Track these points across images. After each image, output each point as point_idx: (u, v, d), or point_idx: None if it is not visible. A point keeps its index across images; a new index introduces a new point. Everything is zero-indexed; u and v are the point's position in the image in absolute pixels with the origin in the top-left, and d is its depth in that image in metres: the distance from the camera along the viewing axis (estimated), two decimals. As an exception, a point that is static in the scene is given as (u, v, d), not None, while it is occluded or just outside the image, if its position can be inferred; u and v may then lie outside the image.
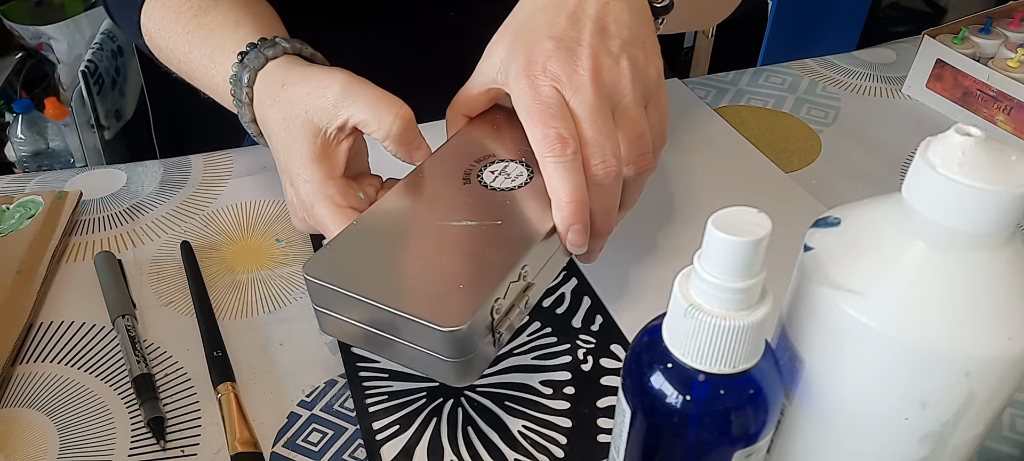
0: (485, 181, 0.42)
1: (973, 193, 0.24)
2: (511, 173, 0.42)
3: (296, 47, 0.47)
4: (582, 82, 0.39)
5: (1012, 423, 0.42)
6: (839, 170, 0.61)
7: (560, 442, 0.40)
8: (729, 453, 0.28)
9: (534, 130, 0.38)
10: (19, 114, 1.40)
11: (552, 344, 0.45)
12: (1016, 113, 0.63)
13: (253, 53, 0.45)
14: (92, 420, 0.41)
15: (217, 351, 0.44)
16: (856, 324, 0.27)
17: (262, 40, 0.46)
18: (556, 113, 0.38)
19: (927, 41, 0.69)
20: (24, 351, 0.45)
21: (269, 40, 0.46)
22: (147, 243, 0.52)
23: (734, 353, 0.26)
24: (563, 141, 0.38)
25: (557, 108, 0.38)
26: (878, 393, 0.28)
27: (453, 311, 0.34)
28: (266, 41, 0.46)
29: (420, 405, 0.42)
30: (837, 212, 0.30)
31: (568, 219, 0.38)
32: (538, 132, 0.38)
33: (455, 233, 0.39)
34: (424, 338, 0.35)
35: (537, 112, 0.38)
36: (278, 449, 0.40)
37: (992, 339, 0.25)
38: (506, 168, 0.43)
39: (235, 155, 0.61)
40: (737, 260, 0.25)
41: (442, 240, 0.39)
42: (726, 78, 0.74)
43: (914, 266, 0.26)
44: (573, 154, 0.38)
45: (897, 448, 0.28)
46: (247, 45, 0.46)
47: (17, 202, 0.53)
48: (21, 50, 1.49)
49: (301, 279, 0.49)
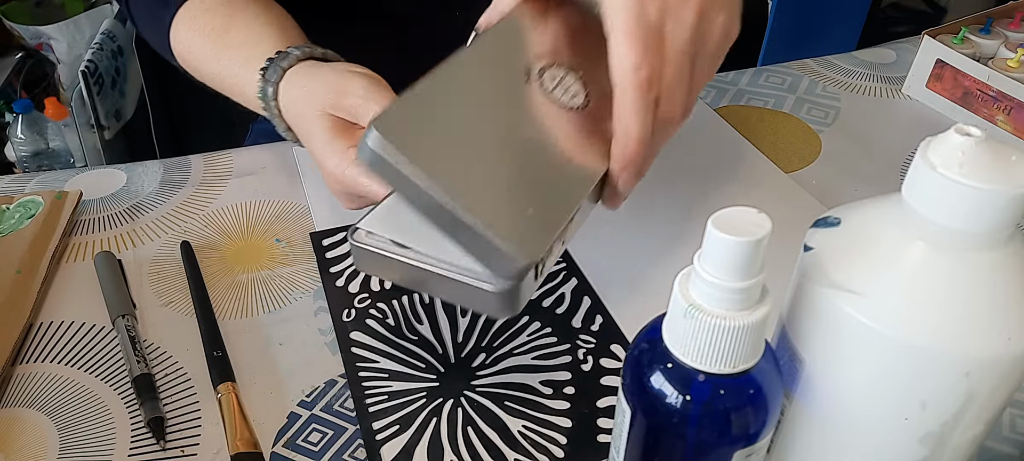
0: (547, 88, 0.38)
1: (973, 193, 0.24)
2: (569, 89, 0.38)
3: (306, 52, 0.48)
4: (686, 19, 0.36)
5: (1012, 423, 0.42)
6: (839, 170, 0.61)
7: (560, 442, 0.40)
8: (729, 453, 0.28)
9: (627, 54, 0.35)
10: (19, 114, 1.40)
11: (552, 344, 0.45)
12: (1016, 113, 0.63)
13: (272, 68, 0.47)
14: (92, 420, 0.41)
15: (217, 351, 0.44)
16: (856, 324, 0.27)
17: (278, 53, 0.48)
18: (654, 45, 0.35)
19: (927, 41, 0.69)
20: (24, 351, 0.45)
21: (283, 52, 0.48)
22: (147, 243, 0.52)
23: (734, 353, 0.26)
24: (651, 81, 0.35)
25: (657, 39, 0.35)
26: (878, 393, 0.28)
27: (528, 241, 0.31)
28: (281, 53, 0.48)
29: (420, 405, 0.42)
30: (837, 212, 0.30)
31: (629, 159, 0.36)
32: (630, 60, 0.35)
33: (522, 144, 0.35)
34: (489, 258, 0.31)
35: (637, 36, 0.35)
36: (278, 449, 0.40)
37: (992, 339, 0.25)
38: (564, 80, 0.39)
39: (235, 155, 0.61)
40: (737, 260, 0.25)
41: (510, 147, 0.35)
42: (726, 78, 0.74)
43: (914, 266, 0.26)
44: (656, 97, 0.35)
45: (897, 448, 0.28)
46: (266, 61, 0.48)
47: (17, 202, 0.53)
48: (21, 50, 1.49)
49: (301, 279, 0.49)
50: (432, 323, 0.46)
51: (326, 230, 0.53)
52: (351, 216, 0.43)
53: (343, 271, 0.50)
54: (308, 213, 0.55)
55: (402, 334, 0.46)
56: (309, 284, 0.49)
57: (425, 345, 0.45)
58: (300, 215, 0.55)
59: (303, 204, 0.56)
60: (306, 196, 0.57)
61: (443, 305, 0.47)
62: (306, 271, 0.50)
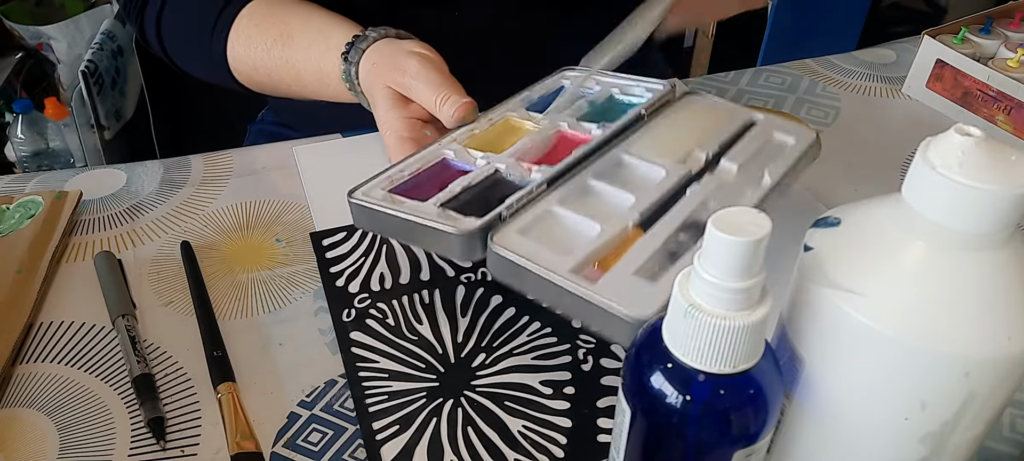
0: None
1: (973, 193, 0.24)
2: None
3: (382, 32, 0.54)
4: None
5: (1012, 423, 0.42)
6: (839, 170, 0.61)
7: (560, 442, 0.40)
8: (729, 453, 0.28)
9: None
10: (19, 114, 1.40)
11: (552, 344, 0.45)
12: (1016, 113, 0.63)
13: (352, 51, 0.53)
14: (92, 420, 0.41)
15: (217, 351, 0.44)
16: (856, 324, 0.27)
17: (356, 37, 0.53)
18: None
19: (927, 41, 0.69)
20: (24, 351, 0.45)
21: (360, 35, 0.54)
22: (147, 243, 0.52)
23: (734, 353, 0.26)
24: None
25: None
26: (878, 393, 0.28)
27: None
28: (359, 37, 0.53)
29: (420, 405, 0.42)
30: (837, 212, 0.30)
31: None
32: None
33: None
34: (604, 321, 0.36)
35: None
36: (278, 449, 0.40)
37: (992, 339, 0.25)
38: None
39: (235, 155, 0.61)
40: (737, 260, 0.25)
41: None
42: (726, 78, 0.74)
43: (914, 266, 0.26)
44: None
45: (897, 448, 0.28)
46: (346, 45, 0.53)
47: (17, 202, 0.53)
48: (21, 50, 1.49)
49: (301, 279, 0.49)
50: (432, 323, 0.46)
51: (326, 230, 0.53)
52: (350, 216, 0.43)
53: (343, 271, 0.50)
54: (308, 213, 0.55)
55: (402, 334, 0.46)
56: (309, 284, 0.49)
57: (425, 345, 0.45)
58: (300, 215, 0.55)
59: (303, 204, 0.56)
60: (306, 196, 0.57)
61: (443, 305, 0.48)
62: (306, 271, 0.50)
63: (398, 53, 0.51)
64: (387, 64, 0.51)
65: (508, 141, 0.49)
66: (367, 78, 0.53)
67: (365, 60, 0.53)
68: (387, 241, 0.52)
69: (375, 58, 0.52)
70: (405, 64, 0.50)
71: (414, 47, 0.52)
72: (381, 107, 0.51)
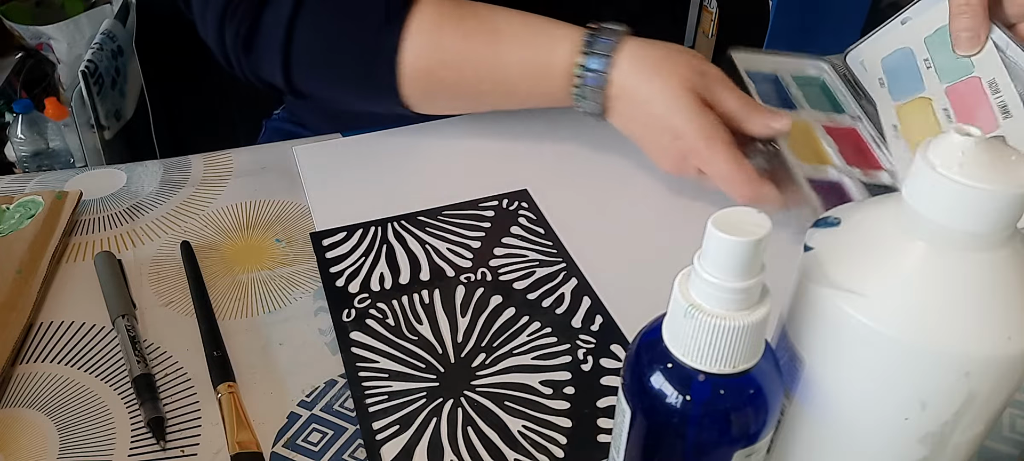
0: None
1: (973, 193, 0.24)
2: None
3: (624, 28, 0.53)
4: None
5: (1012, 423, 0.42)
6: (839, 170, 0.61)
7: (560, 442, 0.40)
8: (729, 453, 0.28)
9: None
10: (19, 114, 1.40)
11: (552, 344, 0.45)
12: (1016, 113, 0.63)
13: (597, 43, 0.52)
14: (92, 420, 0.41)
15: (217, 351, 0.44)
16: (856, 324, 0.27)
17: (599, 28, 0.53)
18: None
19: (927, 41, 0.68)
20: (24, 351, 0.45)
21: (607, 27, 0.53)
22: (147, 243, 0.52)
23: (734, 353, 0.26)
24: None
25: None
26: (878, 393, 0.28)
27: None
28: (603, 29, 0.53)
29: (420, 405, 0.42)
30: (837, 212, 0.30)
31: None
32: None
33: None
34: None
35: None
36: (278, 449, 0.40)
37: (992, 339, 0.25)
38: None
39: (235, 155, 0.61)
40: (737, 260, 0.25)
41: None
42: (726, 78, 0.73)
43: (914, 266, 0.26)
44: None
45: (897, 448, 0.28)
46: (588, 36, 0.53)
47: (17, 202, 0.53)
48: (21, 50, 1.50)
49: (301, 279, 0.49)
50: (432, 323, 0.46)
51: (326, 230, 0.53)
52: (351, 216, 0.43)
53: (343, 271, 0.50)
54: (308, 213, 0.55)
55: (402, 334, 0.46)
56: (309, 284, 0.49)
57: (425, 345, 0.45)
58: (300, 215, 0.55)
59: (303, 204, 0.56)
60: (306, 196, 0.57)
61: (443, 305, 0.48)
62: (306, 271, 0.50)
63: (693, 59, 0.52)
64: (688, 69, 0.51)
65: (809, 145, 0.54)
66: (654, 81, 0.51)
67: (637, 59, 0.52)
68: (387, 241, 0.52)
69: (665, 58, 0.52)
70: (706, 69, 0.52)
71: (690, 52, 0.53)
72: (690, 109, 0.50)
